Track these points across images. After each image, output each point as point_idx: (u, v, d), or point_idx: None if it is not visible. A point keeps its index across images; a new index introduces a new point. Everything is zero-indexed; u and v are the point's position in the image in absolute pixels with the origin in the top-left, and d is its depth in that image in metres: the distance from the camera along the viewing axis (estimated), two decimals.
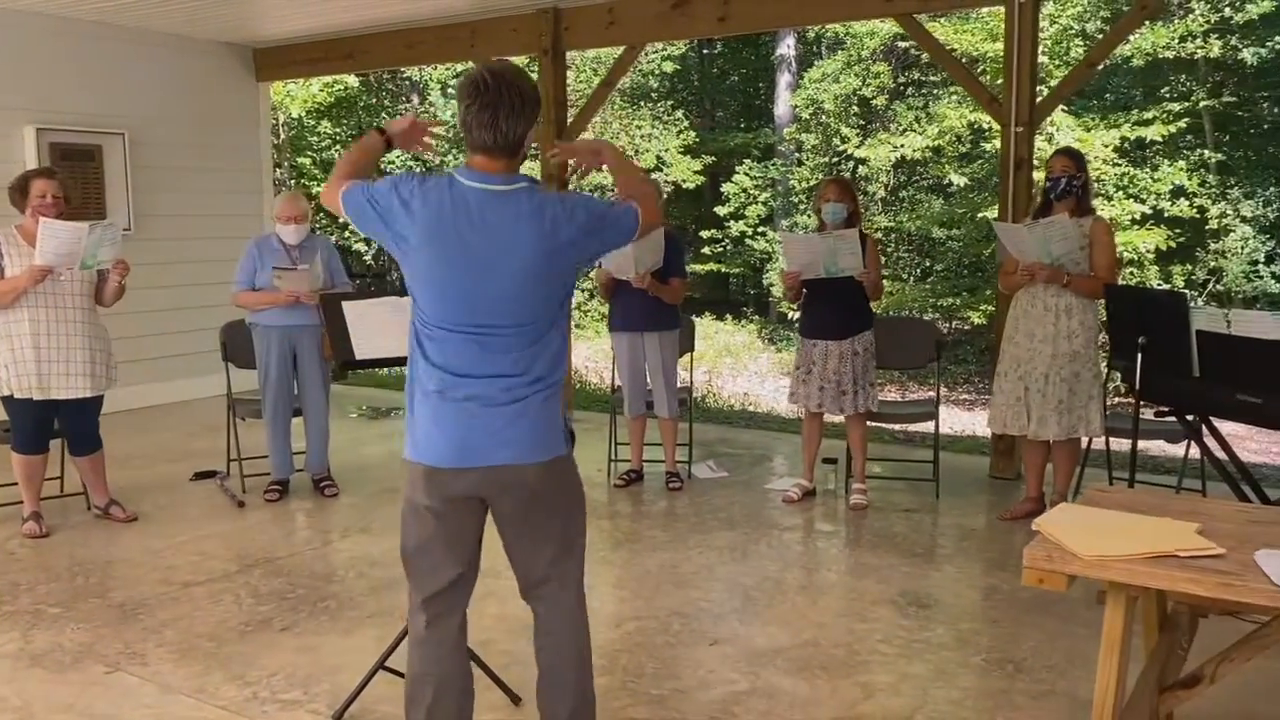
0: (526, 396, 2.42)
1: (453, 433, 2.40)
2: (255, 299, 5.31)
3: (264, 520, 5.25)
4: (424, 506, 2.46)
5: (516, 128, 2.36)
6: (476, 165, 2.41)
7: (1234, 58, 13.01)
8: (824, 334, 5.28)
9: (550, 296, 2.45)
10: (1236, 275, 12.85)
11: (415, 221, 2.36)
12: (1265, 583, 2.11)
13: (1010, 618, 3.92)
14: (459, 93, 2.39)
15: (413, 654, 2.57)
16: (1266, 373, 3.60)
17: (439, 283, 2.38)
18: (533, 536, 2.52)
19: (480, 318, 2.38)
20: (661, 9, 6.73)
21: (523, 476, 2.43)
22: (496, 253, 2.35)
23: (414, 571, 2.54)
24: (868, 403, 5.28)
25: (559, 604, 2.59)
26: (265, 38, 8.56)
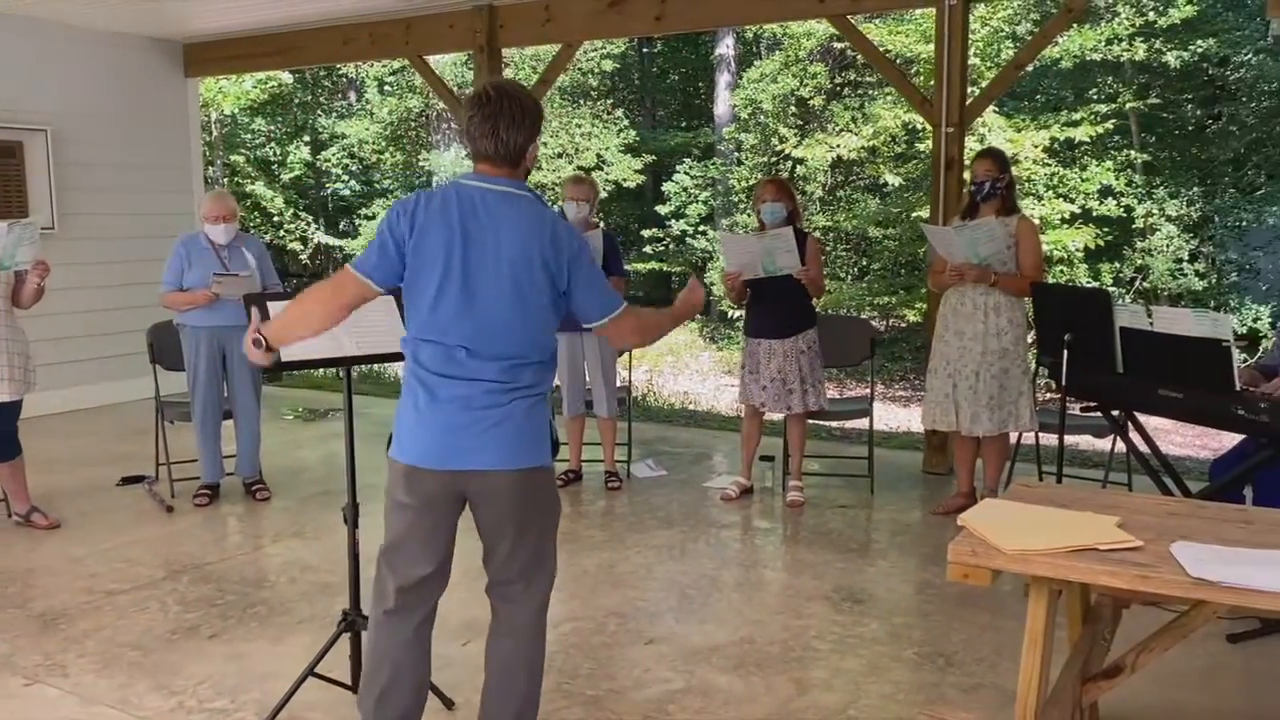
0: (511, 401, 2.46)
1: (433, 433, 2.45)
2: (183, 299, 5.20)
3: (193, 525, 5.14)
4: (403, 504, 2.51)
5: (517, 137, 2.47)
6: (480, 171, 2.51)
7: (1158, 61, 13.33)
8: (768, 333, 5.31)
9: (541, 304, 2.48)
10: (1162, 273, 13.18)
11: (418, 226, 2.43)
12: (1180, 574, 2.16)
13: (942, 611, 3.97)
14: (466, 105, 2.51)
15: (372, 641, 2.61)
16: (1186, 368, 3.69)
17: (438, 281, 2.42)
18: (509, 539, 2.56)
19: (477, 318, 2.43)
20: (598, 7, 6.72)
21: (498, 483, 2.47)
22: (496, 253, 2.42)
23: (390, 560, 2.58)
24: (819, 400, 5.32)
25: (523, 606, 2.64)
26: (194, 32, 8.38)
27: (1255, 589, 2.07)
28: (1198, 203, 13.49)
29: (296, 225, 19.07)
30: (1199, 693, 3.29)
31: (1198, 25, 13.09)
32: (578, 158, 17.38)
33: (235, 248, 5.30)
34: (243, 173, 18.75)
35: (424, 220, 2.43)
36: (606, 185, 16.84)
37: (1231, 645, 3.61)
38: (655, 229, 17.60)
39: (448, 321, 2.43)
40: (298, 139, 19.20)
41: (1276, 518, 2.64)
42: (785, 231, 5.10)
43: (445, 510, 2.52)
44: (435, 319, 2.43)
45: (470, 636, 3.62)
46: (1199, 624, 2.44)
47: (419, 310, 2.46)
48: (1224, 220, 13.80)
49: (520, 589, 2.62)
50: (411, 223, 2.43)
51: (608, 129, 17.81)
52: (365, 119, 18.88)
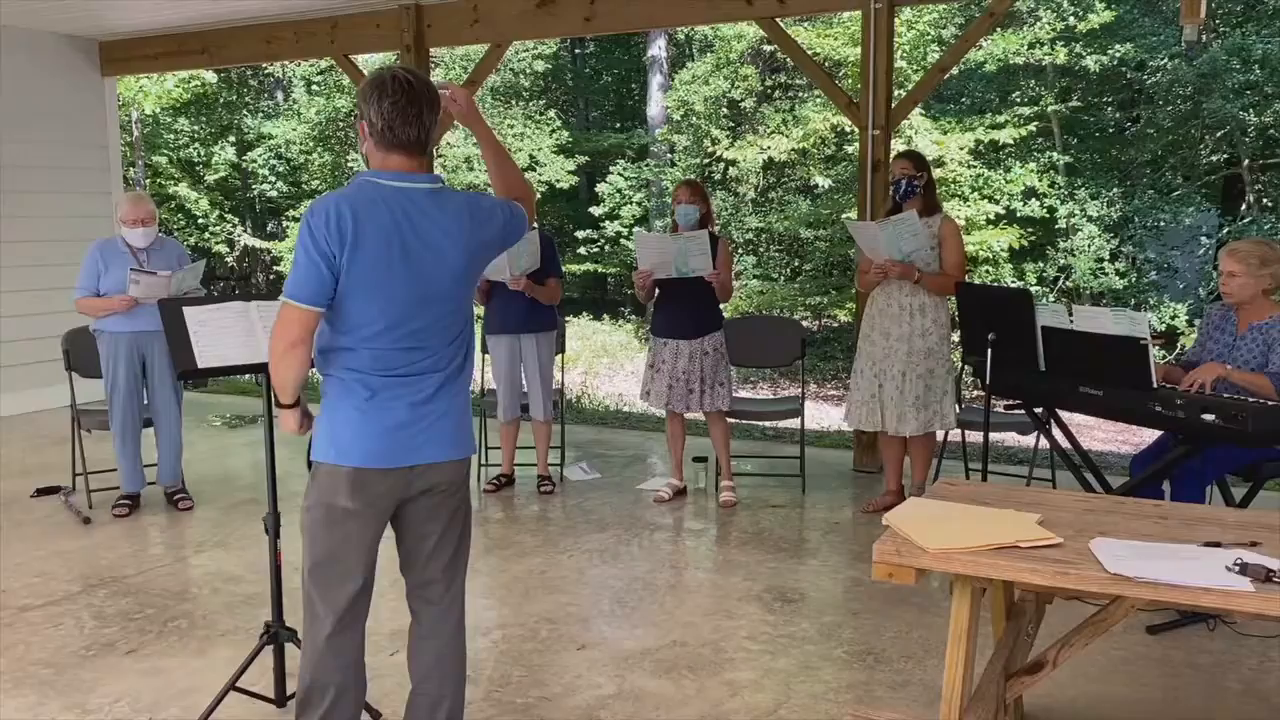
0: (451, 393, 2.48)
1: (381, 432, 2.39)
2: (99, 304, 5.05)
3: (112, 537, 4.99)
4: (344, 510, 2.40)
5: (434, 124, 2.41)
6: (395, 165, 2.39)
7: (1079, 64, 13.64)
8: (675, 333, 5.32)
9: (469, 295, 2.51)
10: (1084, 272, 13.48)
11: (347, 236, 2.30)
12: (1099, 570, 2.20)
13: (872, 609, 4.01)
14: (371, 92, 2.36)
15: (311, 662, 2.51)
16: (1105, 366, 3.77)
17: (375, 287, 2.34)
18: (435, 535, 2.54)
19: (416, 319, 2.39)
20: (527, 7, 6.67)
21: (444, 474, 2.48)
22: (432, 253, 2.38)
23: (321, 581, 2.46)
24: (718, 401, 5.34)
25: (445, 607, 2.62)
26: (111, 30, 8.14)
27: (1169, 583, 2.12)
28: (1117, 203, 13.84)
29: (222, 227, 18.68)
30: (1120, 685, 3.36)
31: (1116, 30, 13.43)
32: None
33: (155, 251, 5.15)
34: (165, 174, 18.32)
35: (354, 235, 2.29)
36: (540, 186, 16.76)
37: (1151, 637, 3.70)
38: (589, 230, 17.57)
39: (394, 329, 2.36)
40: (223, 139, 18.81)
41: (1190, 513, 2.71)
42: (701, 234, 5.13)
43: (385, 513, 2.47)
44: (377, 326, 2.35)
45: (398, 647, 3.56)
46: (1118, 618, 2.49)
47: (359, 320, 2.35)
48: (1143, 221, 14.17)
49: (441, 589, 2.59)
50: (341, 239, 2.29)
51: (540, 130, 17.74)
52: (292, 119, 18.55)
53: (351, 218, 2.30)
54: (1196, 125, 13.99)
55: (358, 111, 2.43)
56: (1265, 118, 13.07)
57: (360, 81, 2.37)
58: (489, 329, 5.64)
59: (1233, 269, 3.93)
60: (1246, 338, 3.94)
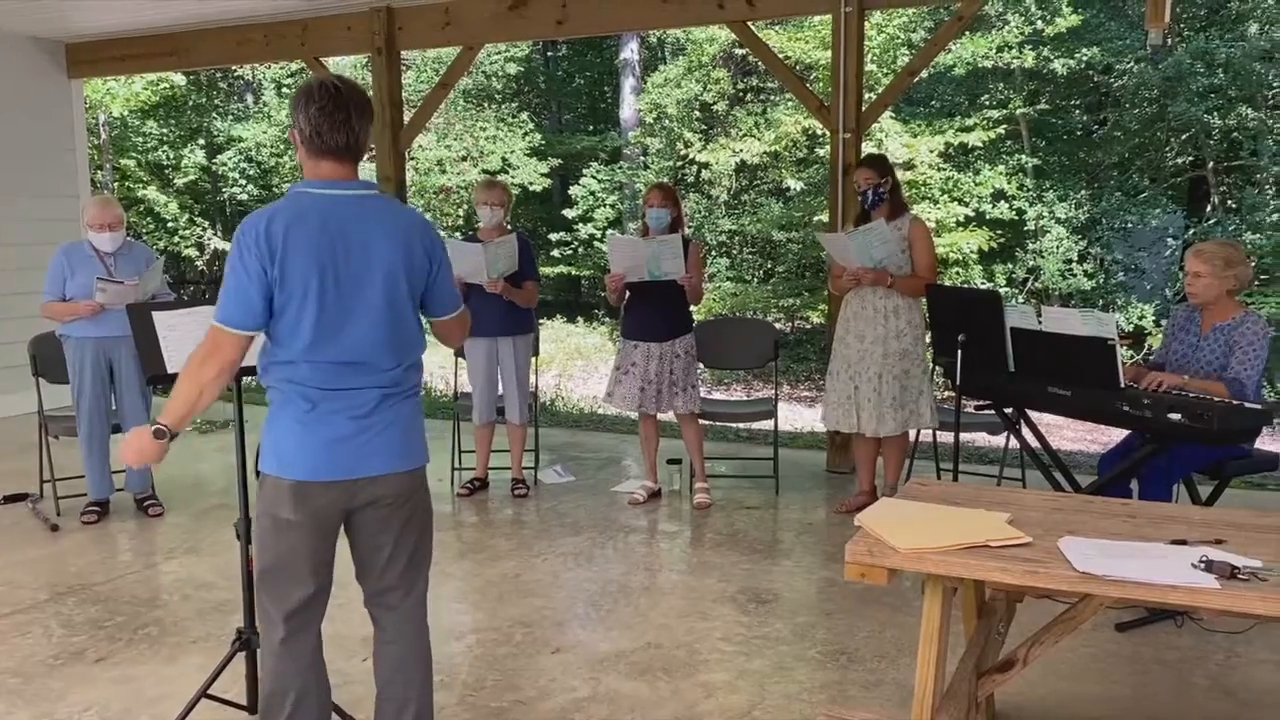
0: (395, 404, 2.45)
1: (322, 446, 2.36)
2: (65, 310, 5.00)
3: (81, 544, 4.94)
4: (287, 521, 2.39)
5: (365, 130, 2.39)
6: (326, 173, 2.38)
7: (1046, 68, 13.78)
8: (645, 335, 5.33)
9: (413, 303, 2.47)
10: (1053, 273, 13.61)
11: (279, 247, 2.28)
12: (1068, 568, 2.22)
13: (845, 609, 4.03)
14: (300, 98, 2.36)
15: (269, 668, 2.51)
16: (1074, 366, 3.82)
17: (307, 300, 2.31)
18: (390, 545, 2.52)
19: (353, 330, 2.36)
20: (499, 10, 6.67)
21: (391, 486, 2.45)
22: (366, 262, 2.36)
23: (271, 587, 2.47)
24: (689, 404, 5.35)
25: (406, 611, 2.60)
26: (78, 32, 8.06)
27: (1137, 581, 2.15)
28: (1085, 205, 13.98)
29: (192, 231, 18.51)
30: (1090, 682, 3.40)
31: (1083, 34, 13.57)
32: (482, 161, 17.23)
33: (123, 256, 5.11)
34: (134, 177, 18.13)
35: (283, 249, 2.28)
36: (513, 189, 16.71)
37: (1120, 634, 3.75)
38: (562, 233, 17.56)
39: (328, 341, 2.34)
40: (192, 142, 18.65)
41: (1157, 511, 2.75)
42: (673, 238, 5.14)
43: (332, 525, 2.45)
44: (314, 341, 2.33)
45: (369, 653, 3.54)
46: (1087, 616, 2.52)
47: (292, 333, 2.33)
48: (1110, 222, 14.33)
49: (400, 595, 2.58)
50: (271, 254, 2.27)
51: (513, 132, 17.71)
52: (263, 122, 18.41)
53: (282, 232, 2.29)
54: (1162, 128, 14.17)
55: (290, 121, 2.42)
56: (1229, 120, 13.26)
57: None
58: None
59: (1198, 270, 3.98)
60: (1210, 338, 3.99)
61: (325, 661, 2.61)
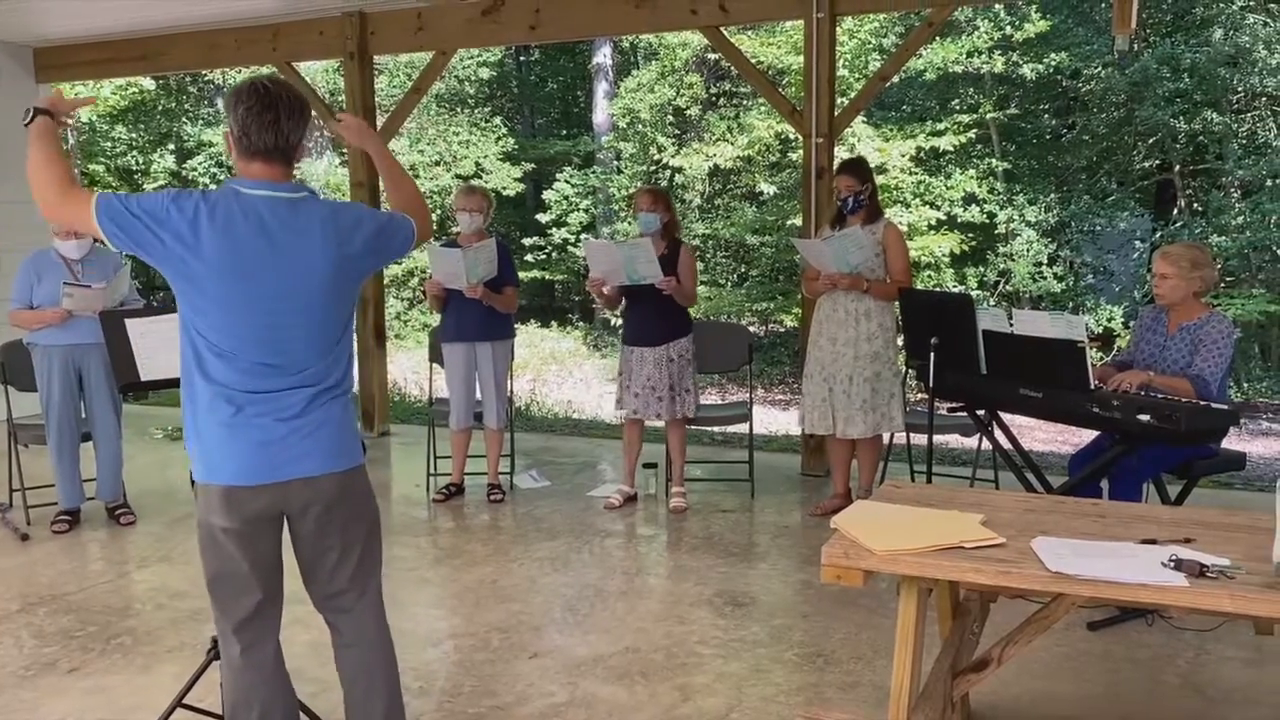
0: (325, 404, 2.41)
1: (250, 449, 2.32)
2: (32, 317, 4.95)
3: (51, 554, 4.88)
4: (222, 529, 2.35)
5: (296, 131, 2.36)
6: (256, 174, 2.35)
7: (1016, 73, 13.92)
8: (640, 341, 5.34)
9: (343, 305, 2.44)
10: (1023, 276, 13.75)
11: (203, 241, 2.25)
12: (1040, 568, 2.25)
13: (821, 611, 4.06)
14: (230, 99, 2.34)
15: (231, 682, 2.48)
16: (1043, 368, 3.86)
17: (234, 301, 2.29)
18: (336, 548, 2.48)
19: (279, 333, 2.33)
20: (471, 15, 6.66)
21: (326, 487, 2.41)
22: (294, 266, 2.32)
23: (219, 598, 2.44)
24: (684, 408, 5.37)
25: (361, 612, 2.57)
26: (45, 36, 7.98)
27: (1108, 580, 2.18)
28: (1055, 209, 14.14)
29: None
30: (1063, 680, 3.44)
31: (1051, 40, 13.73)
32: (456, 166, 17.19)
33: (90, 263, 5.06)
34: (103, 182, 17.94)
35: (207, 235, 2.24)
36: None
37: (1092, 633, 3.79)
38: (536, 237, 17.55)
39: (252, 342, 2.30)
40: (162, 147, 18.49)
41: (1127, 511, 2.79)
42: (644, 241, 5.14)
43: (270, 529, 2.40)
44: (234, 341, 2.29)
45: None
46: (1060, 615, 2.55)
47: (215, 332, 2.30)
48: (1079, 225, 14.49)
49: (354, 597, 2.54)
50: (193, 232, 2.24)
51: (486, 137, 17.67)
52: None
53: (209, 222, 2.25)
54: (1129, 132, 14.35)
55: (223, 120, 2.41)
56: (1195, 125, 13.45)
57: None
58: (444, 336, 5.60)
59: (1165, 271, 4.05)
60: (1176, 338, 4.06)
61: (287, 670, 2.58)
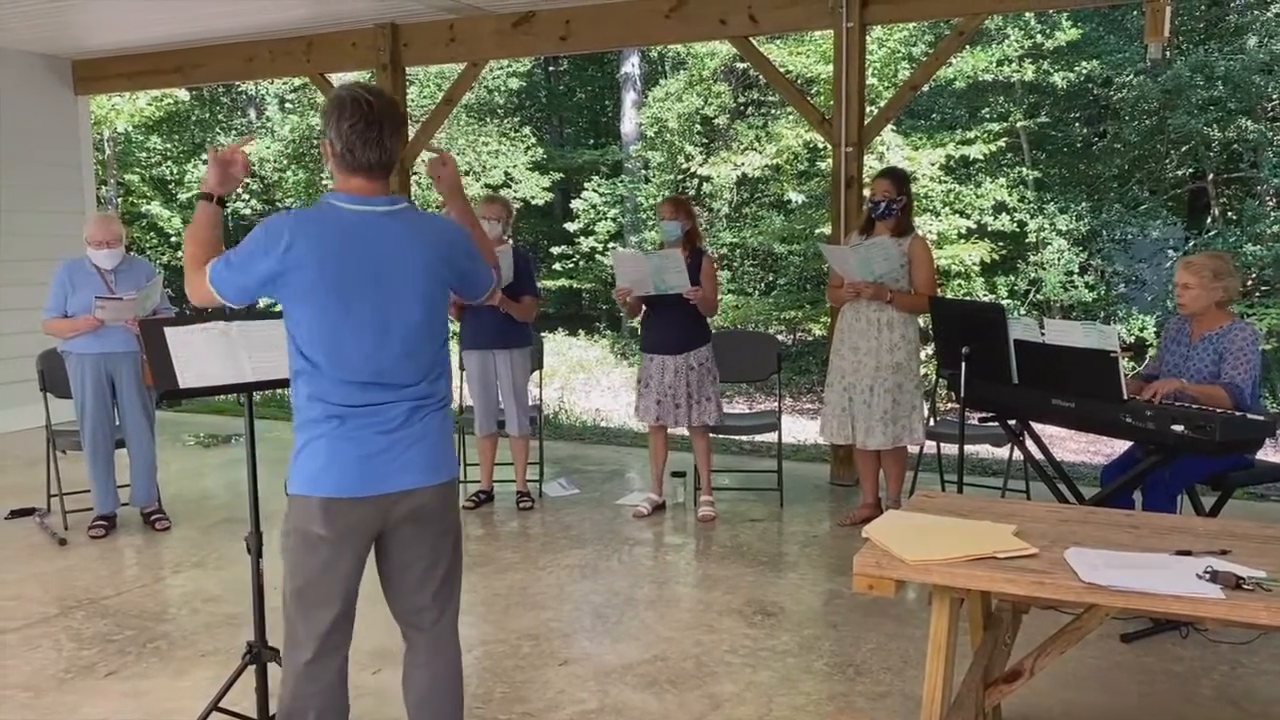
0: (425, 417, 2.43)
1: (352, 462, 2.34)
2: (66, 326, 5.03)
3: (88, 558, 4.95)
4: (319, 537, 2.36)
5: (397, 146, 2.38)
6: (356, 189, 2.37)
7: (1046, 81, 13.86)
8: (660, 349, 5.36)
9: (439, 316, 2.47)
10: (1054, 285, 13.65)
11: (303, 262, 2.28)
12: (1073, 579, 2.24)
13: (851, 621, 4.05)
14: (332, 112, 2.33)
15: (292, 689, 2.47)
16: (1076, 378, 3.84)
17: (336, 316, 2.31)
18: (423, 562, 2.50)
19: (381, 345, 2.35)
20: (502, 27, 6.72)
21: (422, 501, 2.43)
22: (396, 279, 2.35)
23: (302, 607, 2.43)
24: (704, 416, 5.37)
25: (439, 633, 2.58)
26: (85, 49, 8.13)
27: (1142, 591, 2.17)
28: (1086, 217, 14.03)
29: None
30: (1096, 692, 3.41)
31: (1082, 48, 13.65)
32: (485, 175, 17.31)
33: (124, 272, 5.14)
34: (138, 192, 18.22)
35: (307, 254, 2.27)
36: (515, 203, 16.79)
37: (1125, 644, 3.76)
38: (564, 246, 17.62)
39: (360, 357, 2.32)
40: (195, 157, 18.72)
41: (1161, 522, 2.77)
42: (674, 252, 5.16)
43: (363, 541, 2.42)
44: (343, 356, 2.32)
45: (380, 665, 3.57)
46: (1093, 626, 2.54)
47: (319, 349, 2.32)
48: (1110, 234, 14.38)
49: (434, 616, 2.56)
50: (283, 251, 2.28)
51: (515, 147, 17.79)
52: (266, 137, 18.51)
53: (304, 241, 2.29)
54: (1162, 140, 14.23)
55: (321, 130, 2.41)
56: (1228, 133, 13.32)
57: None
58: (464, 344, 5.65)
59: (1187, 281, 4.03)
60: (1199, 348, 4.04)
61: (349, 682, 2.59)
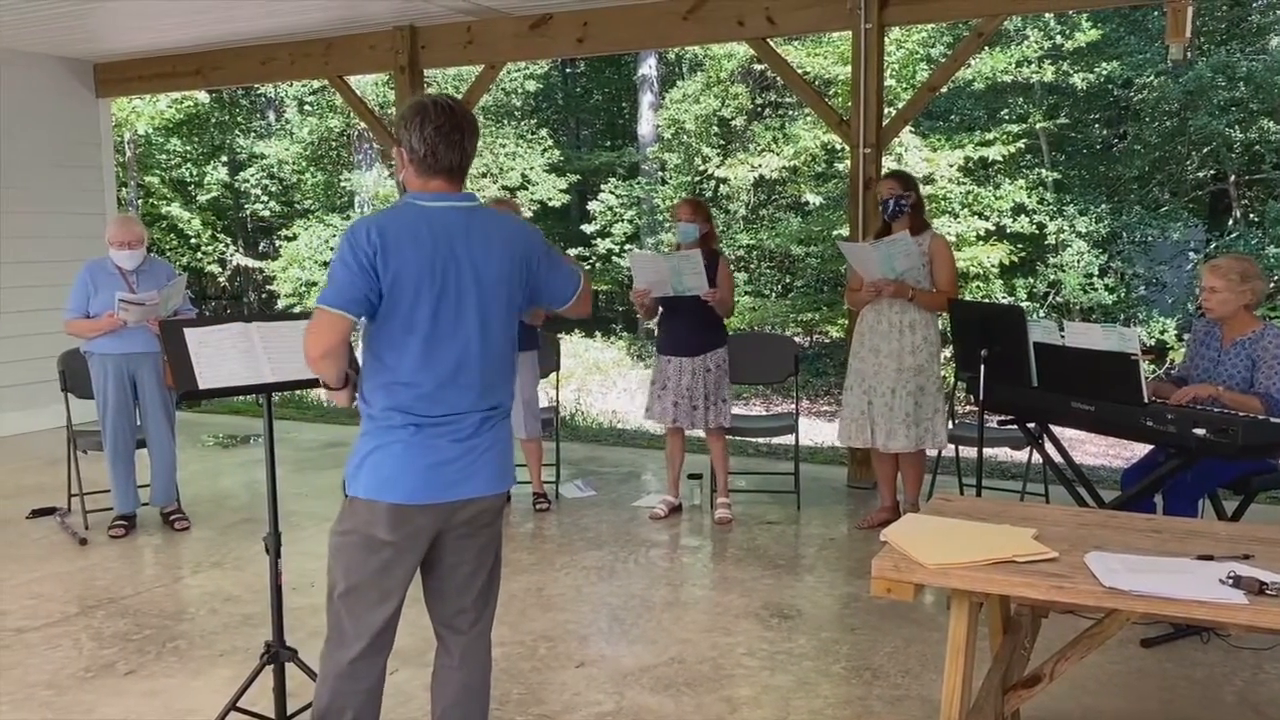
0: (495, 426, 2.46)
1: (425, 469, 2.35)
2: (88, 326, 5.07)
3: (108, 558, 4.99)
4: (382, 541, 2.37)
5: (474, 149, 2.43)
6: (436, 189, 2.39)
7: (1066, 82, 13.78)
8: (677, 350, 5.35)
9: (514, 322, 2.48)
10: (1074, 288, 13.57)
11: (390, 266, 2.27)
12: (1094, 583, 2.22)
13: (868, 625, 4.03)
14: (414, 118, 2.35)
15: (332, 688, 2.48)
16: (1097, 381, 3.81)
17: (420, 318, 2.31)
18: (471, 566, 2.53)
19: (462, 349, 2.36)
20: (520, 29, 6.73)
21: (485, 508, 2.47)
22: (480, 275, 2.37)
23: (355, 605, 2.44)
24: (719, 418, 5.36)
25: (475, 637, 2.61)
26: (106, 52, 8.18)
27: (1164, 596, 2.15)
28: (1106, 219, 13.94)
29: (214, 247, 18.70)
30: (1116, 698, 3.39)
31: (1102, 48, 13.57)
32: (502, 177, 17.33)
33: (146, 273, 5.17)
34: (158, 194, 18.33)
35: (389, 252, 2.27)
36: (532, 204, 16.84)
37: (1145, 650, 3.73)
38: (581, 248, 17.62)
39: (437, 359, 2.33)
40: (215, 159, 18.85)
41: (1182, 526, 2.74)
42: (694, 253, 5.15)
43: (424, 546, 2.44)
44: (422, 359, 2.32)
45: (396, 665, 3.56)
46: (1113, 631, 2.52)
47: (400, 350, 2.32)
48: (1131, 236, 14.28)
49: (471, 619, 2.58)
50: (376, 254, 2.26)
51: (532, 148, 17.81)
52: (285, 139, 18.61)
53: (389, 237, 2.28)
54: (1183, 141, 14.12)
55: (396, 138, 2.41)
56: (1250, 134, 13.21)
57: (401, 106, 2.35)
58: None
59: (1214, 285, 3.98)
60: (1231, 353, 3.99)
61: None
